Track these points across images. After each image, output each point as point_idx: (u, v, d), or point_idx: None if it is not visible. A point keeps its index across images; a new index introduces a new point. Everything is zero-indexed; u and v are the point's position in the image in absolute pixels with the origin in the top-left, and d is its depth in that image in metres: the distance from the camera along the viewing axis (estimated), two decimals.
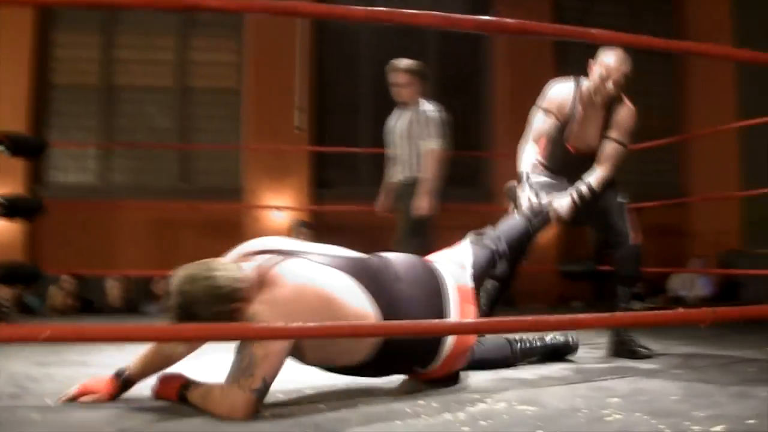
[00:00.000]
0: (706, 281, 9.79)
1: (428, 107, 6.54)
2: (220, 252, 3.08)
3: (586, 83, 4.60)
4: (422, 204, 6.24)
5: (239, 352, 2.69)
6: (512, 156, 10.13)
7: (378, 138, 7.34)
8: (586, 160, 4.50)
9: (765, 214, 9.65)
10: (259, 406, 2.62)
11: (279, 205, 9.30)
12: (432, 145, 6.39)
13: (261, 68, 9.79)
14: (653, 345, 4.34)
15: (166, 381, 2.88)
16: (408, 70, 6.57)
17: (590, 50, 11.64)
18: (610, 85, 4.46)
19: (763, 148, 9.86)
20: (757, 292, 8.85)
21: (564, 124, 4.57)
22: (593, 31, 2.06)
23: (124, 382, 2.92)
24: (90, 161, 9.81)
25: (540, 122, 4.69)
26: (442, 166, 6.45)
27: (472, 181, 10.88)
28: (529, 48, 10.62)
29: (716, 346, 4.50)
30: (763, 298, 8.51)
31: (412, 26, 8.75)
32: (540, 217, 4.40)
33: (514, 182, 4.59)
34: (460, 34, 10.96)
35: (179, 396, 2.79)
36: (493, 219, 10.00)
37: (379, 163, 9.84)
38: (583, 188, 4.38)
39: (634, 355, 4.18)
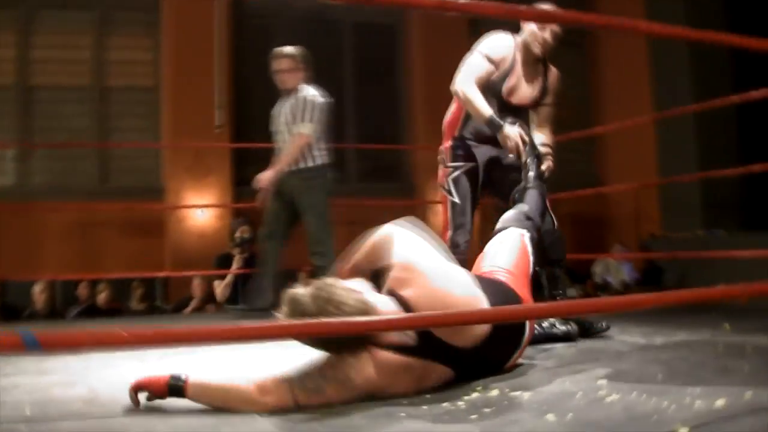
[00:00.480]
0: (629, 267, 10.02)
1: (310, 92, 6.47)
2: (143, 253, 3.07)
3: (522, 37, 4.62)
4: (265, 177, 6.33)
5: (317, 367, 2.69)
6: (432, 149, 10.27)
7: None
8: (517, 114, 4.54)
9: (682, 199, 9.90)
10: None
11: (201, 203, 9.27)
12: (302, 129, 6.32)
13: (179, 66, 9.70)
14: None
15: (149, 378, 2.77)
16: (291, 56, 6.52)
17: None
18: (547, 34, 4.55)
19: (679, 135, 10.10)
20: (677, 275, 9.13)
21: (503, 76, 4.59)
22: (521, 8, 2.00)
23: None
24: (7, 163, 9.67)
25: (481, 68, 4.59)
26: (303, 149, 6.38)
27: (393, 175, 10.96)
28: (444, 39, 10.73)
29: (670, 328, 4.49)
30: (684, 281, 8.81)
31: (330, 20, 8.77)
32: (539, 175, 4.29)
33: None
34: (375, 26, 11.03)
35: (170, 389, 2.70)
36: (414, 213, 10.22)
37: None
38: (546, 150, 4.56)
39: (594, 331, 4.24)
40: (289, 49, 6.54)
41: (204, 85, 9.56)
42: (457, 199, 4.75)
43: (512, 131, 4.24)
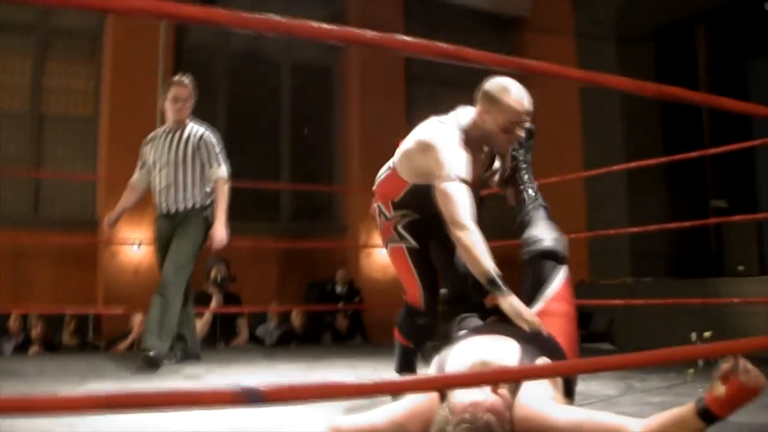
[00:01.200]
0: None
1: (205, 130, 6.15)
2: (75, 286, 3.02)
3: (469, 120, 3.75)
4: (223, 235, 5.89)
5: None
6: (365, 190, 10.34)
7: (238, 168, 7.31)
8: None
9: (610, 248, 10.12)
10: None
11: (138, 237, 9.16)
12: (223, 173, 6.04)
13: (118, 96, 9.60)
14: None
15: None
16: (189, 86, 6.15)
17: (438, 88, 12.02)
18: (522, 133, 3.74)
19: (609, 184, 10.33)
20: (606, 320, 9.33)
21: None
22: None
23: None
24: None
25: (464, 195, 3.49)
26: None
27: (325, 215, 11.04)
28: (380, 83, 10.89)
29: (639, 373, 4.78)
30: (612, 326, 9.04)
31: (268, 61, 8.72)
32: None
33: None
34: (312, 68, 11.14)
35: None
36: (344, 254, 10.31)
37: (236, 196, 9.93)
38: None
39: None
40: (188, 78, 6.16)
41: (143, 117, 9.48)
42: (414, 243, 3.94)
43: (516, 304, 3.24)
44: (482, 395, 2.51)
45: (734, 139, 8.76)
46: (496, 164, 4.08)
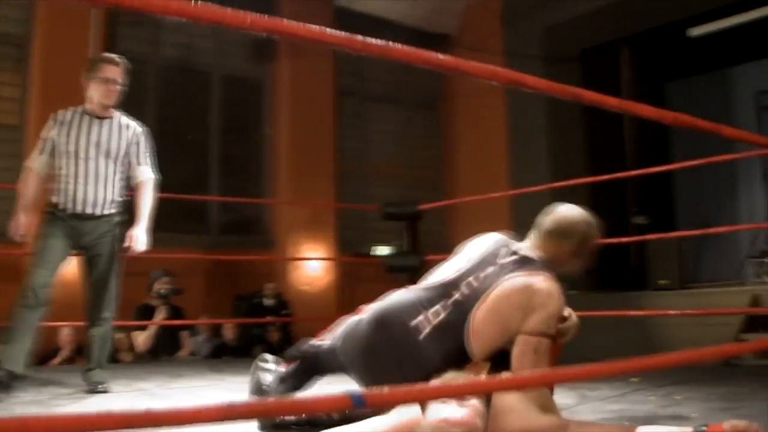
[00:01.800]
0: None
1: (136, 123, 5.45)
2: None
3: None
4: (143, 240, 5.11)
5: None
6: (294, 204, 10.35)
7: (165, 180, 7.19)
8: None
9: None
10: None
11: None
12: (152, 174, 5.41)
13: (46, 105, 9.45)
14: None
15: None
16: (124, 68, 5.42)
17: (366, 102, 12.16)
18: None
19: (531, 206, 10.48)
20: None
21: None
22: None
23: None
24: None
25: None
26: None
27: (253, 228, 11.04)
28: (311, 96, 10.97)
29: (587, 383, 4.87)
30: None
31: (199, 71, 8.56)
32: None
33: None
34: (243, 80, 11.15)
35: None
36: (272, 268, 10.32)
37: (164, 208, 9.85)
38: None
39: None
40: (120, 58, 5.42)
41: None
42: None
43: None
44: (454, 411, 2.67)
45: (654, 161, 9.04)
46: None
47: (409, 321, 3.14)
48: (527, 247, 3.31)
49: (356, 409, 1.34)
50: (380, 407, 2.78)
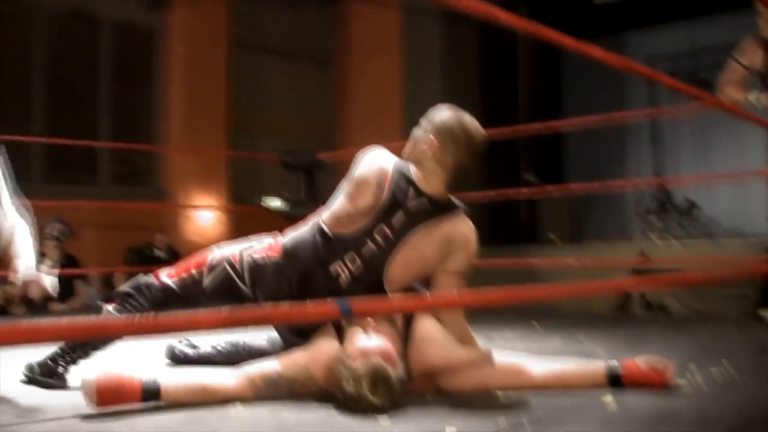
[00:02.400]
0: None
1: None
2: None
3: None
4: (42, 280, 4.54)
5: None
6: (186, 153, 10.22)
7: (54, 130, 7.06)
8: None
9: None
10: None
11: None
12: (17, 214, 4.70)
13: None
14: None
15: (111, 383, 2.67)
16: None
17: (261, 54, 12.01)
18: None
19: None
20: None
21: None
22: None
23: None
24: None
25: None
26: None
27: (145, 179, 10.87)
28: (204, 45, 10.81)
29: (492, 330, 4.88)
30: None
31: (90, 18, 8.24)
32: None
33: None
34: (134, 27, 10.91)
35: (144, 394, 2.70)
36: (164, 219, 10.20)
37: (55, 159, 9.59)
38: None
39: None
40: None
41: None
42: None
43: None
44: (372, 342, 2.78)
45: (545, 118, 9.19)
46: None
47: (326, 266, 3.18)
48: (423, 178, 3.25)
49: (344, 317, 1.35)
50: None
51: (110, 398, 2.62)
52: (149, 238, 9.66)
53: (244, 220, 10.44)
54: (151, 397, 2.70)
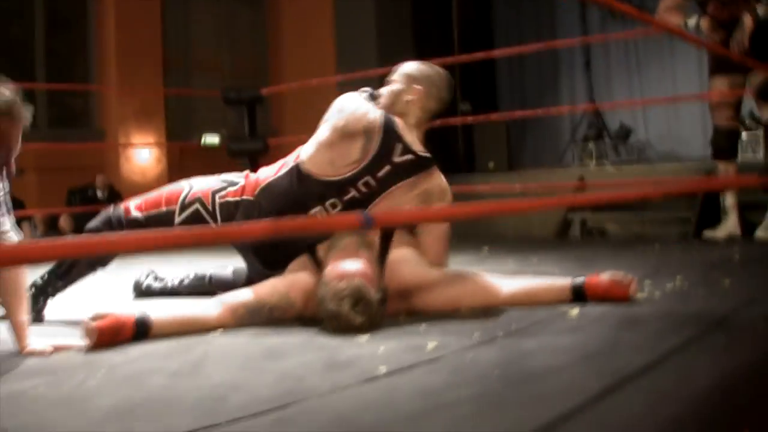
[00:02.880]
0: None
1: None
2: None
3: None
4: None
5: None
6: (122, 94, 10.15)
7: None
8: None
9: None
10: None
11: None
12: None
13: None
14: None
15: (110, 323, 2.71)
16: None
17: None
18: None
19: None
20: None
21: None
22: None
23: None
24: None
25: None
26: None
27: (81, 121, 10.80)
28: None
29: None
30: None
31: None
32: None
33: None
34: None
35: (137, 331, 2.75)
36: (103, 159, 10.15)
37: None
38: None
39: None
40: None
41: None
42: None
43: None
44: (353, 265, 2.88)
45: (478, 48, 9.26)
46: None
47: (306, 209, 3.29)
48: (409, 133, 3.34)
49: (366, 228, 1.42)
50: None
51: (109, 337, 2.68)
52: (89, 180, 9.62)
53: (183, 158, 10.43)
54: (142, 332, 2.77)
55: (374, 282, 2.85)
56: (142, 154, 10.50)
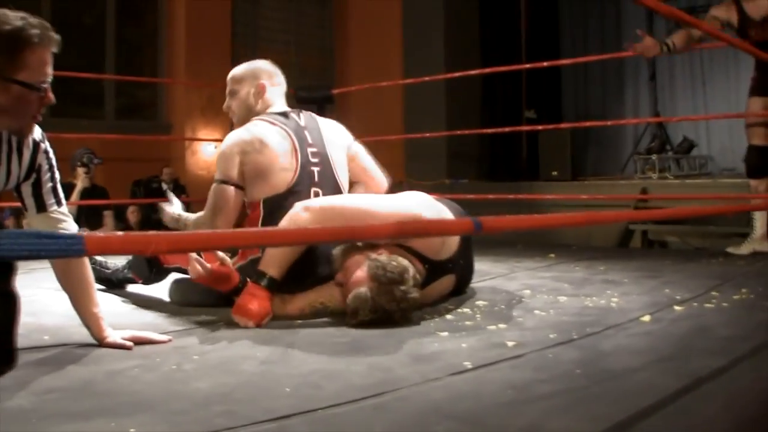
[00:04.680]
0: None
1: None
2: None
3: None
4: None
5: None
6: (190, 87, 10.24)
7: (59, 65, 7.00)
8: None
9: (427, 151, 10.47)
10: None
11: None
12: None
13: None
14: None
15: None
16: None
17: None
18: None
19: (425, 96, 10.66)
20: None
21: None
22: None
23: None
24: None
25: None
26: None
27: (149, 114, 11.01)
28: None
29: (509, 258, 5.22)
30: None
31: None
32: None
33: None
34: None
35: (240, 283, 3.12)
36: (169, 152, 10.31)
37: (60, 94, 9.64)
38: None
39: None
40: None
41: None
42: None
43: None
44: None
45: (545, 56, 9.29)
46: None
47: None
48: None
49: (477, 232, 1.50)
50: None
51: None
52: (153, 172, 9.75)
53: None
54: (239, 290, 3.12)
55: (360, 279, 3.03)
56: (208, 149, 10.63)
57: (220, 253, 3.09)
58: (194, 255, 3.10)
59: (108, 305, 3.41)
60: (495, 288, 3.71)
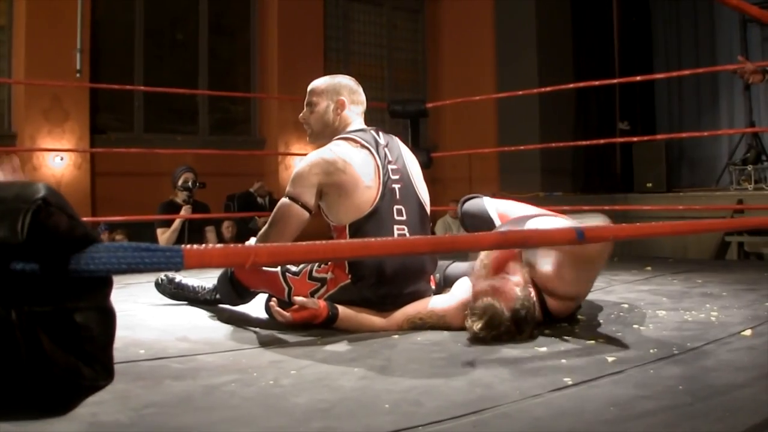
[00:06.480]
0: None
1: None
2: None
3: None
4: None
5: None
6: (283, 103, 10.34)
7: (153, 81, 7.13)
8: None
9: (521, 164, 10.46)
10: None
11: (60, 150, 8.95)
12: None
13: (34, 3, 9.22)
14: None
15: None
16: None
17: (352, 3, 12.02)
18: None
19: (518, 110, 10.67)
20: None
21: None
22: None
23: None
24: None
25: None
26: None
27: (242, 128, 11.15)
28: None
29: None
30: None
31: None
32: None
33: None
34: None
35: (328, 318, 3.20)
36: (262, 167, 10.44)
37: (155, 109, 9.83)
38: None
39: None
40: None
41: (62, 27, 9.21)
42: None
43: None
44: (484, 283, 3.07)
45: (638, 69, 9.19)
46: None
47: None
48: None
49: (579, 241, 1.51)
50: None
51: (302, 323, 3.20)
52: (246, 186, 9.85)
53: None
54: (330, 321, 3.20)
55: (509, 299, 2.95)
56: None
57: (299, 298, 3.20)
58: (275, 306, 3.23)
59: (202, 320, 3.55)
60: (593, 302, 3.68)
